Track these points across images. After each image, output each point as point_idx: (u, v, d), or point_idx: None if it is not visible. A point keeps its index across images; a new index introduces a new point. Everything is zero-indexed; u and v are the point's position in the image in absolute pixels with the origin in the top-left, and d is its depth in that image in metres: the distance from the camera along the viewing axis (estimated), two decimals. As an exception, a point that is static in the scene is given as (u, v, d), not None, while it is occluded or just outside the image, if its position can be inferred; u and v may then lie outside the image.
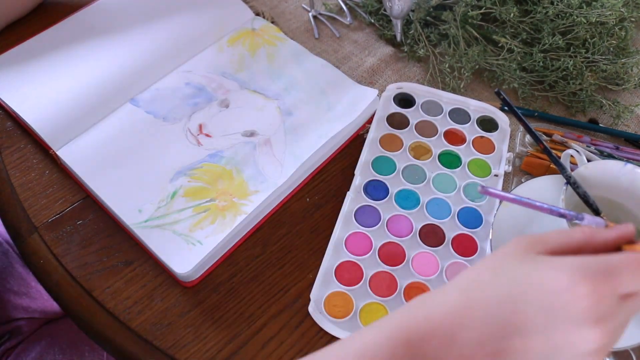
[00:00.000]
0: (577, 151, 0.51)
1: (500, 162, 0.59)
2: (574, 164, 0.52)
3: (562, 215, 0.40)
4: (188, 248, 0.49)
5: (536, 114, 0.64)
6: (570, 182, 0.47)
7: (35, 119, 0.56)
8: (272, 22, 0.69)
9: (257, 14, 0.70)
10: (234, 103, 0.60)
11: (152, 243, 0.50)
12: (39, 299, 0.66)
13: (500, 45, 0.65)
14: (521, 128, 0.61)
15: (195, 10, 0.67)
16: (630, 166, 0.48)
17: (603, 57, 0.63)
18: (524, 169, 0.59)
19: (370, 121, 0.61)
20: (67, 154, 0.54)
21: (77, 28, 0.65)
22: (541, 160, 0.58)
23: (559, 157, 0.50)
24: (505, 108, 0.64)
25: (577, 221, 0.41)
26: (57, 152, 0.55)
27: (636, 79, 0.65)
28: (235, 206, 0.52)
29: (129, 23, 0.66)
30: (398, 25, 0.66)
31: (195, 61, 0.63)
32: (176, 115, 0.58)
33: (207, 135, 0.57)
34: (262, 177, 0.54)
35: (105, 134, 0.56)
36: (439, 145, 0.60)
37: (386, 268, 0.51)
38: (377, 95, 0.61)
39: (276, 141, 0.57)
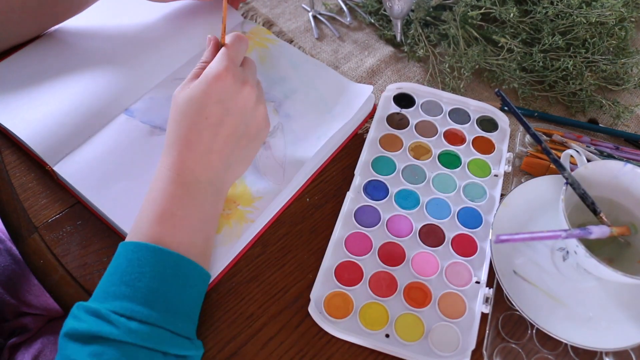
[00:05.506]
0: (577, 151, 0.51)
1: (500, 162, 0.59)
2: (573, 164, 0.52)
3: (573, 236, 0.41)
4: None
5: (536, 114, 0.64)
6: (569, 182, 0.47)
7: (29, 135, 0.55)
8: (269, 24, 0.69)
9: (255, 15, 0.69)
10: None
11: None
12: (41, 297, 0.67)
13: (500, 45, 0.65)
14: (521, 128, 0.61)
15: (183, 17, 0.66)
16: (630, 166, 0.48)
17: (603, 57, 0.63)
18: (524, 169, 0.59)
19: (368, 118, 0.61)
20: (65, 170, 0.53)
21: (65, 38, 0.63)
22: (541, 160, 0.58)
23: (559, 157, 0.50)
24: (505, 108, 0.64)
25: (585, 235, 0.42)
26: (54, 168, 0.53)
27: (636, 79, 0.65)
28: (241, 214, 0.52)
29: (118, 32, 0.64)
30: (398, 25, 0.66)
31: (187, 68, 0.61)
32: None
33: None
34: (265, 182, 0.54)
35: (102, 147, 0.55)
36: (438, 145, 0.60)
37: (386, 268, 0.51)
38: (372, 93, 0.61)
39: (275, 144, 0.57)
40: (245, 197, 0.53)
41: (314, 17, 0.72)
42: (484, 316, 0.49)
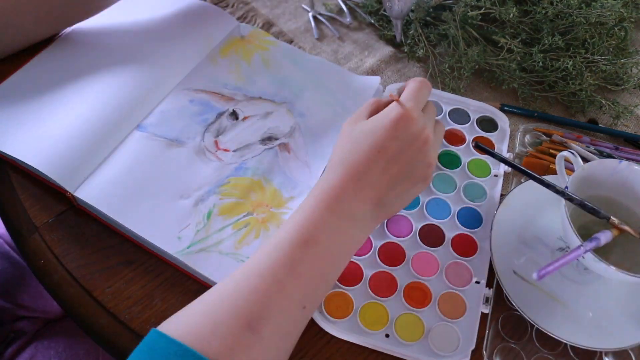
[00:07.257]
0: (573, 153, 0.51)
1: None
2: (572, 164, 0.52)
3: (590, 249, 0.43)
4: (239, 266, 0.46)
5: (536, 114, 0.64)
6: (566, 198, 0.46)
7: (43, 163, 0.51)
8: (269, 24, 0.69)
9: (255, 16, 0.69)
10: (243, 113, 0.59)
11: (201, 268, 0.48)
12: (39, 299, 0.67)
13: (500, 45, 0.65)
14: (521, 128, 0.61)
15: (179, 26, 0.64)
16: (625, 163, 0.48)
17: (603, 57, 0.63)
18: (524, 169, 0.59)
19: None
20: (86, 194, 0.51)
21: (59, 57, 0.60)
22: (541, 160, 0.58)
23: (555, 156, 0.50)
24: (506, 108, 0.64)
25: (598, 246, 0.43)
26: (74, 194, 0.51)
27: (636, 79, 0.65)
28: (275, 216, 0.52)
29: (113, 49, 0.61)
30: (398, 25, 0.67)
31: (193, 77, 0.61)
32: (188, 134, 0.56)
33: (226, 150, 0.56)
34: (293, 182, 0.54)
35: (120, 166, 0.53)
36: (438, 145, 0.60)
37: (386, 268, 0.51)
38: (380, 84, 0.62)
39: (295, 144, 0.57)
40: (277, 200, 0.53)
41: (314, 17, 0.72)
42: (484, 316, 0.49)
